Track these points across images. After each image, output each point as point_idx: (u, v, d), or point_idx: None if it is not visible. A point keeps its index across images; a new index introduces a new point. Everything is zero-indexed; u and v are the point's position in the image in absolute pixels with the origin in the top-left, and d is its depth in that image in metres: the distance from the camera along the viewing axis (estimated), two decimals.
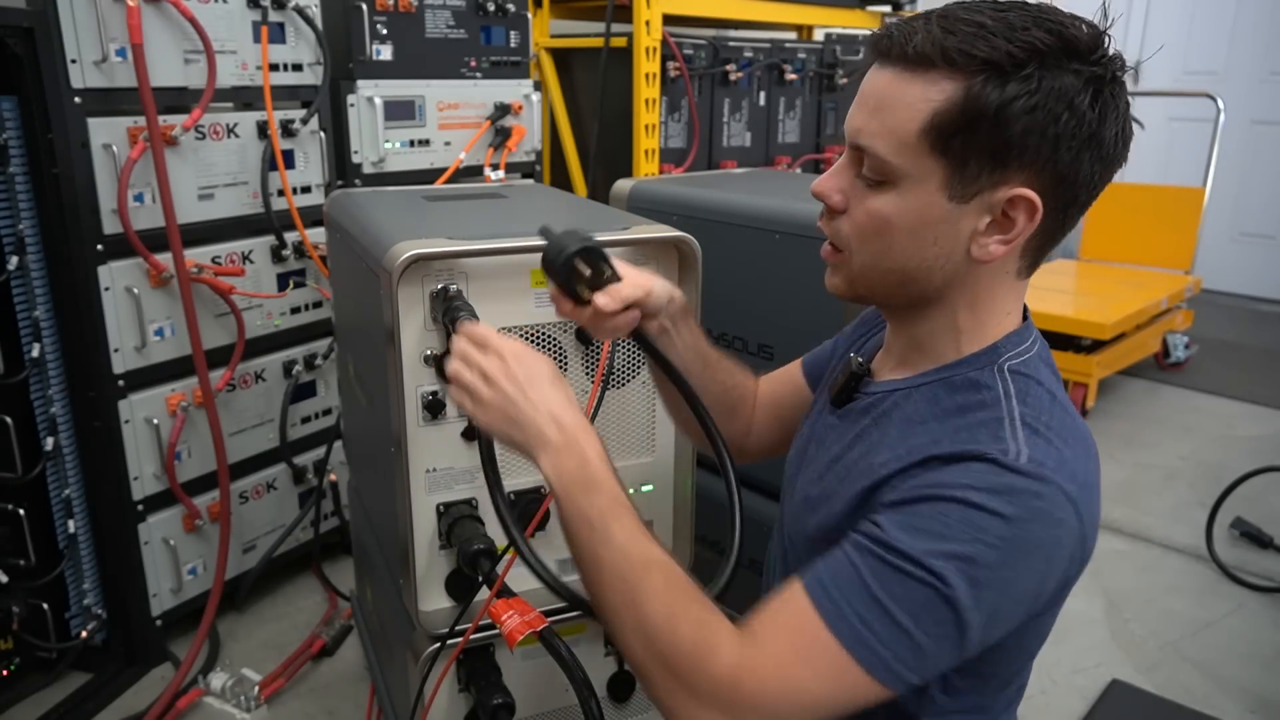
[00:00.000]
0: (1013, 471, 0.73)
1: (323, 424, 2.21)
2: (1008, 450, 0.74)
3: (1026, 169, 0.76)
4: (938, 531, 0.72)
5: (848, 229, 0.83)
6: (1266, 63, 4.82)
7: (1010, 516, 0.72)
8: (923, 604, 0.72)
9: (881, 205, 0.80)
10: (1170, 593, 2.27)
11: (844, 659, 0.73)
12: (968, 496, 0.72)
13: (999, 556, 0.71)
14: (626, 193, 1.83)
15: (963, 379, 0.84)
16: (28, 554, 1.74)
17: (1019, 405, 0.79)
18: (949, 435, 0.79)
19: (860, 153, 0.80)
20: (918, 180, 0.77)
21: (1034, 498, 0.73)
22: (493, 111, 2.32)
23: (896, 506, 0.76)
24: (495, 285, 1.17)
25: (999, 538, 0.71)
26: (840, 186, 0.83)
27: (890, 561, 0.73)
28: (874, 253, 0.82)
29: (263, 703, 1.79)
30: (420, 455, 1.18)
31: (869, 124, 0.78)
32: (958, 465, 0.75)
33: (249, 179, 1.95)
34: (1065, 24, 0.74)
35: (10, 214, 1.64)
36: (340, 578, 2.20)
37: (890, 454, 0.81)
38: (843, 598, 0.73)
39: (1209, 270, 4.37)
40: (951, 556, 0.71)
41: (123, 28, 1.65)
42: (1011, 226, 0.78)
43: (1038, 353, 0.86)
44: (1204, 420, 3.36)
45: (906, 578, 0.72)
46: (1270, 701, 1.87)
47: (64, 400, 1.74)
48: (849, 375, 0.94)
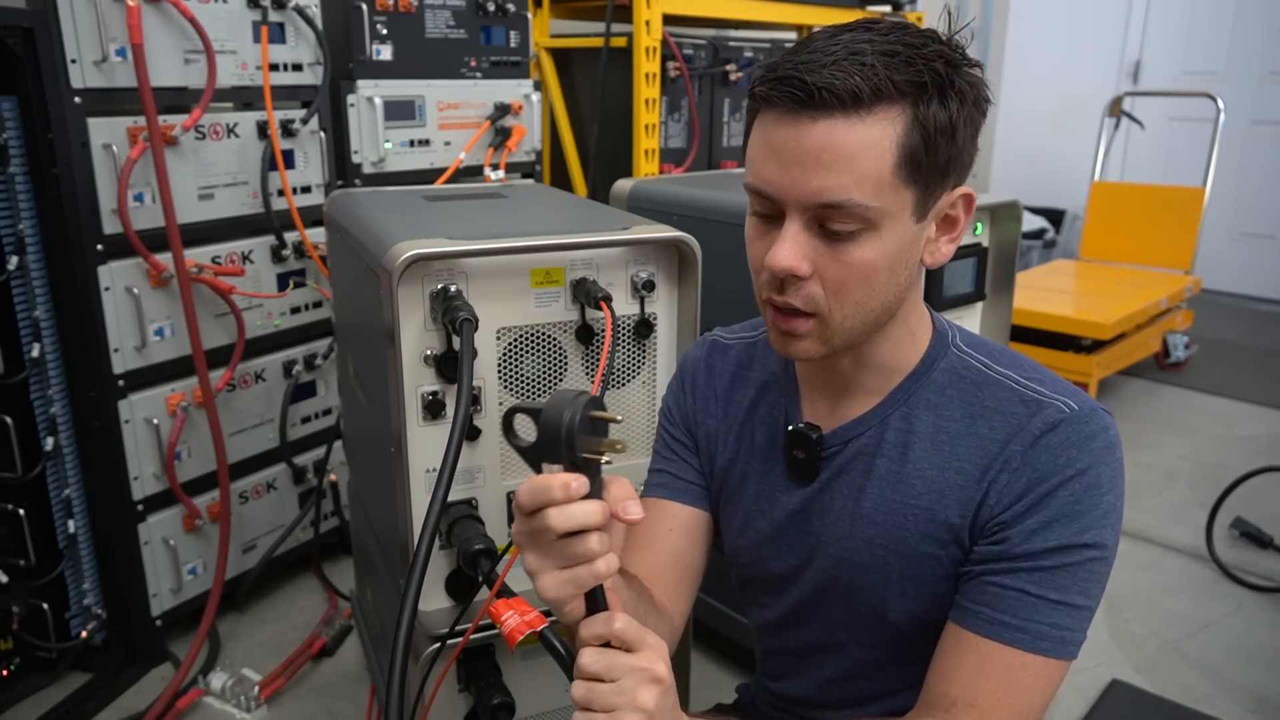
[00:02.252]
0: (1075, 422, 0.80)
1: (323, 424, 2.21)
2: (1050, 412, 0.81)
3: (956, 172, 0.80)
4: (1069, 512, 0.78)
5: (821, 290, 0.80)
6: (1266, 62, 4.82)
7: (1105, 459, 0.80)
8: (1090, 576, 0.79)
9: (864, 253, 0.78)
10: (1170, 593, 2.27)
11: (1052, 665, 0.79)
12: (1067, 470, 0.79)
13: (1118, 489, 0.81)
14: (626, 193, 1.83)
15: (946, 376, 0.88)
16: (28, 554, 1.74)
17: (1012, 370, 0.86)
18: (994, 430, 0.83)
19: (826, 211, 0.76)
20: (894, 215, 0.77)
21: (1103, 431, 0.81)
22: (493, 111, 2.32)
23: (1020, 517, 0.80)
24: (495, 285, 1.17)
25: (1110, 478, 0.80)
26: (804, 255, 0.78)
27: (1047, 565, 0.78)
28: (858, 302, 0.80)
29: (263, 703, 1.79)
30: (420, 455, 1.18)
31: (839, 180, 0.74)
32: (1035, 449, 0.80)
33: (249, 179, 1.95)
34: (935, 34, 0.79)
35: (10, 214, 1.64)
36: (340, 578, 2.20)
37: (953, 478, 0.84)
38: (1028, 621, 0.78)
39: (1209, 270, 4.37)
40: (1093, 524, 0.78)
41: (123, 28, 1.65)
42: (956, 223, 0.84)
43: (958, 325, 0.93)
44: (1204, 420, 3.36)
45: (1074, 569, 0.78)
46: (1270, 701, 1.87)
47: (64, 400, 1.74)
48: (808, 446, 0.90)
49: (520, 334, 1.20)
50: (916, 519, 0.85)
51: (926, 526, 0.85)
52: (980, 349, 0.89)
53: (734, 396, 1.01)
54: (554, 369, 1.24)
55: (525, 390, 1.23)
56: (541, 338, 1.22)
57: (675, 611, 0.97)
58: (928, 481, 0.85)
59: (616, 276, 1.24)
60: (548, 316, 1.21)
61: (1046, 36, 5.46)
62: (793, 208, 0.77)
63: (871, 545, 0.88)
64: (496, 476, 1.23)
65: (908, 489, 0.86)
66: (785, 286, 0.80)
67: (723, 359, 1.03)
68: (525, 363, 1.22)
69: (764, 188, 0.79)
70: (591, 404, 0.70)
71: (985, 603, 0.80)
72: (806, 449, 0.91)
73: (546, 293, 1.20)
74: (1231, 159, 4.67)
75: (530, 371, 1.22)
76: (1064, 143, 5.37)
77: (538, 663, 1.27)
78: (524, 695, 1.26)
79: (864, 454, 0.88)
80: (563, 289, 1.21)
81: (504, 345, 1.20)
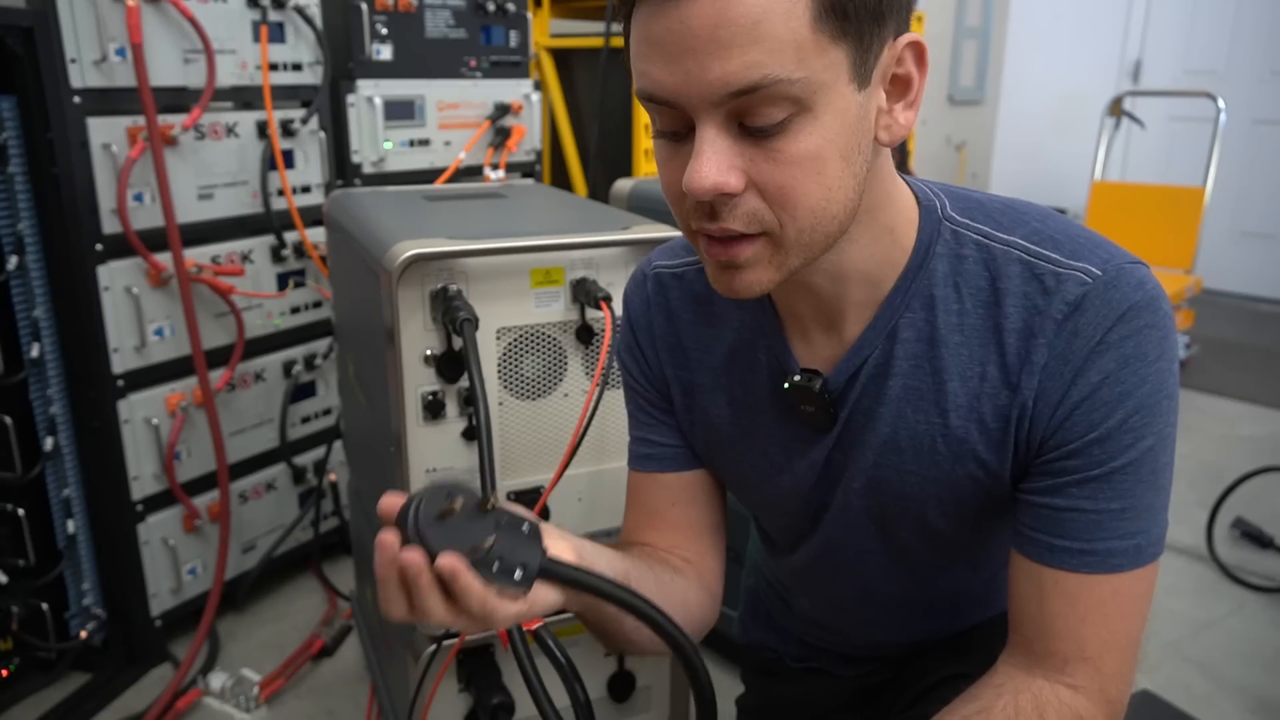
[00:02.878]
0: (1101, 292, 0.67)
1: (323, 424, 2.20)
2: (1070, 287, 0.68)
3: (894, 14, 0.63)
4: (1113, 399, 0.68)
5: (762, 202, 0.64)
6: (1267, 62, 4.82)
7: (1148, 322, 0.67)
8: (1154, 466, 0.70)
9: (803, 143, 0.61)
10: (1170, 593, 2.26)
11: (1141, 577, 0.70)
12: (1104, 353, 0.67)
13: (1167, 351, 0.69)
14: (626, 192, 1.83)
15: (945, 263, 0.73)
16: (27, 554, 1.74)
17: (1019, 234, 0.72)
18: (1010, 319, 0.70)
19: (741, 102, 0.60)
20: (828, 84, 0.61)
21: (1138, 288, 0.68)
22: (493, 111, 2.32)
23: (1063, 424, 0.69)
24: (495, 285, 1.17)
25: (1156, 342, 0.68)
26: (729, 165, 0.62)
27: (1098, 474, 0.69)
28: (813, 208, 0.64)
29: (262, 703, 1.79)
30: (420, 455, 1.18)
31: (745, 56, 0.58)
32: (1062, 336, 0.68)
33: (249, 179, 1.95)
34: None
35: (9, 214, 1.64)
36: (340, 578, 2.20)
37: (976, 385, 0.72)
38: (1093, 542, 0.69)
39: (1209, 270, 4.37)
40: (1141, 407, 0.68)
41: (122, 27, 1.64)
42: (909, 84, 0.67)
43: (940, 183, 0.78)
44: (1204, 420, 3.36)
45: (1132, 468, 0.69)
46: (1270, 702, 1.87)
47: (63, 400, 1.74)
48: (812, 397, 0.78)
49: (520, 334, 1.20)
50: (947, 440, 0.74)
51: (958, 447, 0.74)
52: (978, 214, 0.74)
53: (704, 341, 0.85)
54: (554, 369, 1.24)
55: (525, 390, 1.23)
56: (541, 338, 1.22)
57: (711, 578, 0.90)
58: (951, 395, 0.73)
59: (616, 276, 1.23)
60: (548, 316, 1.21)
61: (1046, 36, 5.46)
62: (699, 109, 0.61)
63: (903, 473, 0.78)
64: (496, 476, 1.23)
65: (931, 407, 0.74)
66: (717, 210, 0.64)
67: (678, 294, 0.87)
68: (525, 363, 1.22)
69: (658, 92, 0.62)
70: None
71: (1041, 527, 0.71)
72: (812, 401, 0.78)
73: (546, 293, 1.20)
74: (1232, 159, 4.67)
75: (530, 371, 1.22)
76: (1064, 142, 5.37)
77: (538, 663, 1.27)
78: (524, 695, 1.25)
79: (876, 377, 0.76)
80: (563, 289, 1.21)
81: (504, 345, 1.20)
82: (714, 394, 0.86)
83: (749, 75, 0.59)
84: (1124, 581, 0.70)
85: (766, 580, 1.11)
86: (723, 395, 0.85)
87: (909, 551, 0.85)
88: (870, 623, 0.97)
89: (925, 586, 0.90)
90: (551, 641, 0.83)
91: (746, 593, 1.18)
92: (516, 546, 0.63)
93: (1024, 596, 0.74)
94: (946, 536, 0.81)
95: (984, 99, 5.28)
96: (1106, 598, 0.70)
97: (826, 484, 0.83)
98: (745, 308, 0.82)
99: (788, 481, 0.85)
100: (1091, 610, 0.71)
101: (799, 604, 1.03)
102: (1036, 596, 0.72)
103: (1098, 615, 0.71)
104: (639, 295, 0.90)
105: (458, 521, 0.62)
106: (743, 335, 0.83)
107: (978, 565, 0.89)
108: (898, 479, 0.78)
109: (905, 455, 0.77)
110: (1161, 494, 0.71)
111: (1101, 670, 0.72)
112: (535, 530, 0.65)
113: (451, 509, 0.62)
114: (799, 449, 0.83)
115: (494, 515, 0.63)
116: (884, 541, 0.85)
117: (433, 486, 0.62)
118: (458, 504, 0.62)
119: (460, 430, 1.20)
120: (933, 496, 0.78)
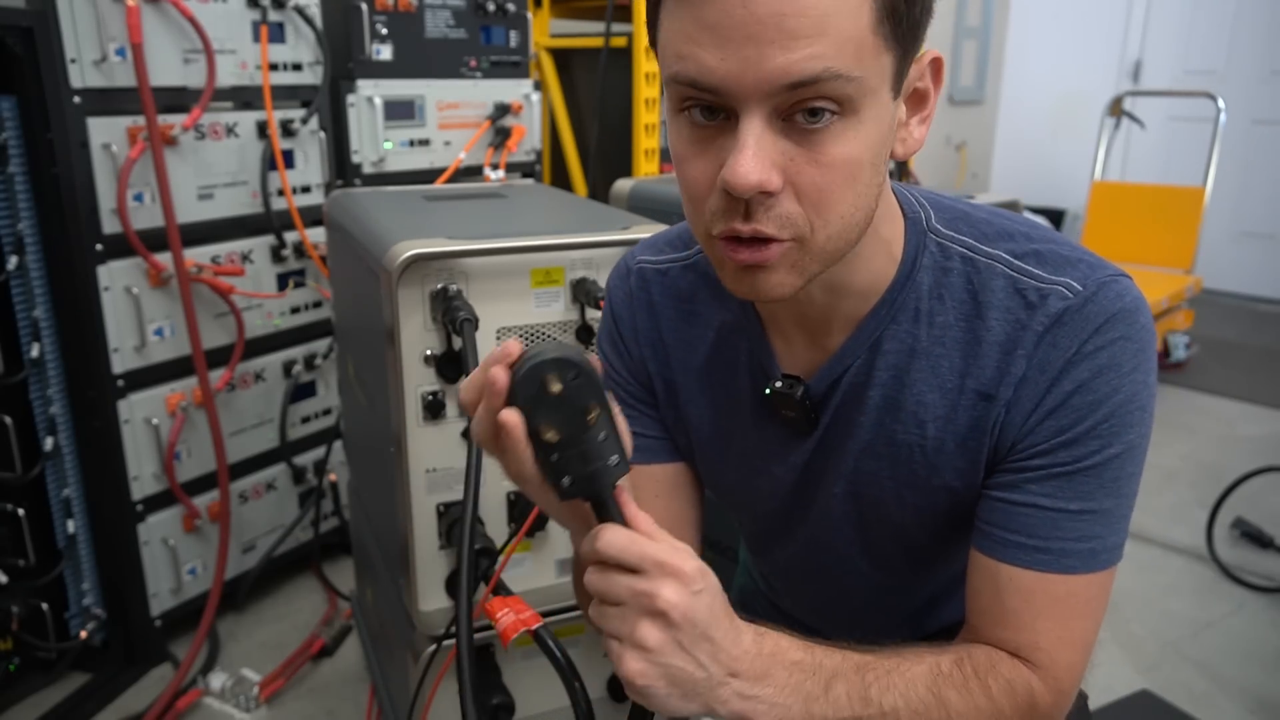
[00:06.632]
0: (1082, 306, 0.67)
1: (323, 424, 2.20)
2: (1052, 302, 0.68)
3: (926, 29, 0.63)
4: (1083, 406, 0.67)
5: (798, 206, 0.62)
6: (1267, 62, 4.82)
7: (1125, 334, 0.67)
8: (1118, 474, 0.69)
9: (846, 148, 0.60)
10: (1170, 593, 2.26)
11: (1095, 582, 0.70)
12: (1079, 363, 0.67)
13: (1144, 364, 0.68)
14: (626, 192, 1.83)
15: (931, 275, 0.73)
16: (27, 554, 1.74)
17: (1002, 246, 0.72)
18: (993, 332, 0.70)
19: (796, 95, 0.58)
20: (875, 90, 0.60)
21: (1116, 300, 0.68)
22: (493, 111, 2.32)
23: (1033, 429, 0.69)
24: (495, 285, 1.17)
25: (1133, 354, 0.68)
26: (773, 162, 0.60)
27: (1061, 472, 0.68)
28: (843, 215, 0.63)
29: (262, 703, 1.79)
30: (420, 455, 1.18)
31: (812, 48, 0.56)
32: (1041, 348, 0.68)
33: (249, 179, 1.95)
34: None
35: (9, 214, 1.64)
36: (340, 578, 2.20)
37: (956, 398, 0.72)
38: (1048, 540, 0.69)
39: (1209, 270, 4.37)
40: (1112, 414, 0.67)
41: (122, 27, 1.64)
42: (926, 99, 0.67)
43: (925, 191, 0.78)
44: (1204, 420, 3.36)
45: (1095, 471, 0.68)
46: (1270, 702, 1.87)
47: (63, 400, 1.74)
48: (793, 404, 0.78)
49: (520, 334, 1.20)
50: (924, 450, 0.75)
51: (935, 458, 0.74)
52: (963, 225, 0.74)
53: (686, 340, 0.85)
54: None
55: None
56: (541, 338, 1.22)
57: None
58: (930, 407, 0.73)
59: None
60: (548, 316, 1.21)
61: (1046, 36, 5.46)
62: (749, 100, 0.58)
63: (881, 480, 0.78)
64: (496, 476, 1.23)
65: (910, 418, 0.74)
66: (753, 209, 0.61)
67: (660, 289, 0.86)
68: None
69: (703, 78, 0.59)
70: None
71: (998, 522, 0.71)
72: (792, 407, 0.78)
73: (546, 293, 1.20)
74: (1232, 159, 4.67)
75: None
76: (1064, 142, 5.37)
77: (538, 663, 1.27)
78: (524, 695, 1.25)
79: (857, 386, 0.76)
80: (563, 289, 1.21)
81: None
82: (694, 393, 0.85)
83: (811, 67, 0.57)
84: (1078, 584, 0.70)
85: (754, 579, 1.12)
86: (703, 395, 0.85)
87: (888, 557, 0.85)
88: (851, 624, 0.97)
89: (904, 591, 0.91)
90: (551, 641, 0.83)
91: (738, 591, 1.18)
92: (589, 457, 0.62)
93: (980, 591, 0.74)
94: (924, 544, 0.82)
95: (984, 99, 5.28)
96: (1061, 597, 0.71)
97: (805, 488, 0.84)
98: (727, 308, 0.82)
99: (766, 484, 0.85)
100: (1047, 607, 0.71)
101: (783, 603, 1.05)
102: (992, 591, 0.72)
103: (1053, 612, 0.71)
104: (622, 288, 0.89)
105: (564, 399, 0.61)
106: (724, 336, 0.82)
107: (956, 572, 0.89)
108: (876, 486, 0.79)
109: (883, 463, 0.77)
110: (1123, 503, 0.70)
111: (1055, 660, 0.72)
112: (615, 468, 0.63)
113: (563, 391, 0.61)
114: (778, 453, 0.83)
115: (599, 427, 0.62)
116: (863, 546, 0.85)
117: (564, 358, 0.60)
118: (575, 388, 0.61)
119: (460, 430, 1.20)
120: (910, 505, 0.78)
